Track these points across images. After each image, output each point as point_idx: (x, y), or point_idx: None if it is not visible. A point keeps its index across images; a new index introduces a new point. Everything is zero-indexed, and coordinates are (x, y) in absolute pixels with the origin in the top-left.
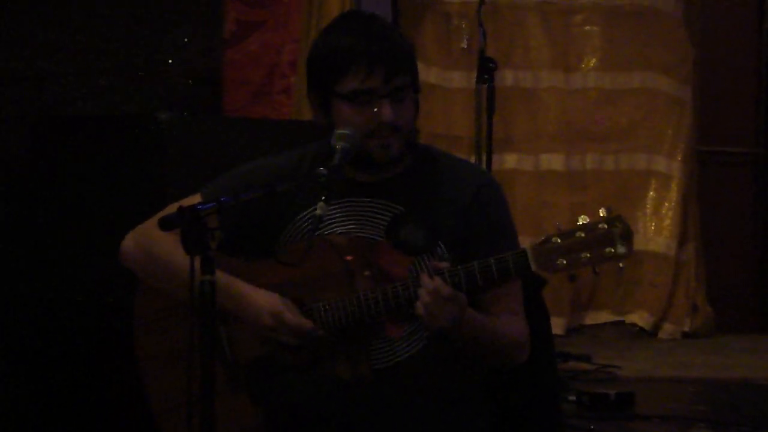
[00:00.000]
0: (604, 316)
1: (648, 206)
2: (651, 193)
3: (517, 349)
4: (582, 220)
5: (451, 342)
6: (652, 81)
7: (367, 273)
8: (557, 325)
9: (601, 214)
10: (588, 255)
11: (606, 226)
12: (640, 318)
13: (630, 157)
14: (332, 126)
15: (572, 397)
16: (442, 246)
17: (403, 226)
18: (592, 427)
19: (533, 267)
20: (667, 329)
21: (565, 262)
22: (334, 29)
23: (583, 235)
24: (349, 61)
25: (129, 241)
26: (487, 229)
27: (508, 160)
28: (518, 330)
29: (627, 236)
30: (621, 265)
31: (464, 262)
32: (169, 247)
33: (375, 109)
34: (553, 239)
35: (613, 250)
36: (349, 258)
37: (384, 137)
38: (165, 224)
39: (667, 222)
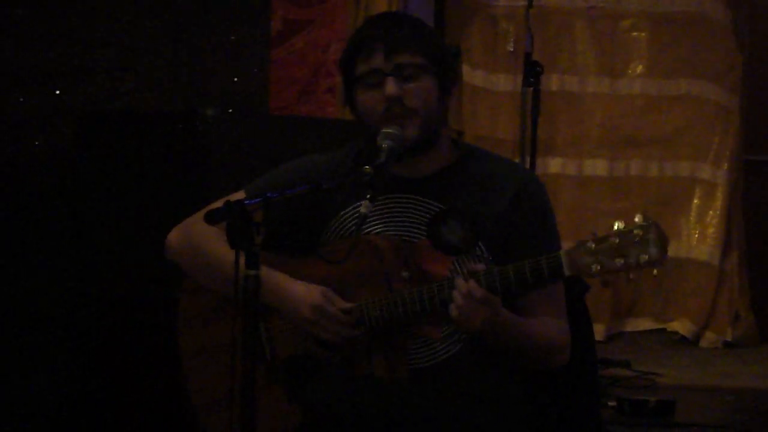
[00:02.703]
0: (645, 323)
1: (692, 214)
2: (695, 200)
3: (556, 352)
4: (618, 225)
5: (487, 344)
6: (699, 88)
7: (405, 274)
8: (597, 331)
9: (637, 220)
10: (622, 261)
11: (641, 232)
12: (681, 326)
13: (675, 165)
14: (360, 119)
15: (612, 403)
16: (482, 246)
17: (444, 225)
18: None
19: (566, 271)
20: (709, 338)
21: (598, 267)
22: (355, 30)
23: (617, 240)
24: (355, 47)
25: (174, 235)
26: (528, 230)
27: (552, 165)
28: (557, 333)
29: (662, 243)
30: (655, 272)
31: (505, 262)
32: (214, 241)
33: (381, 90)
34: (588, 244)
35: (647, 257)
36: (388, 259)
37: (397, 118)
38: (211, 218)
39: (711, 230)
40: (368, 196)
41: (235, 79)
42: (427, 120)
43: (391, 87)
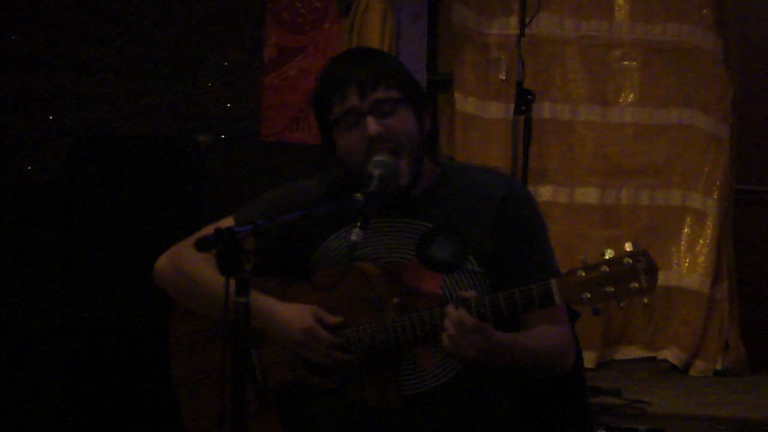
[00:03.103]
0: (635, 352)
1: (683, 243)
2: (686, 229)
3: (559, 358)
4: (608, 254)
5: (485, 366)
6: (690, 118)
7: (396, 300)
8: (588, 359)
9: (627, 249)
10: (612, 289)
11: (631, 261)
12: (671, 354)
13: (665, 193)
14: (340, 161)
15: (602, 431)
16: (473, 260)
17: (433, 243)
18: None
19: (557, 299)
20: (699, 366)
21: (589, 295)
22: (324, 69)
23: (608, 268)
24: (328, 89)
25: (163, 261)
26: (517, 239)
27: (543, 192)
28: (559, 339)
29: (652, 271)
30: (646, 300)
31: (497, 274)
32: (202, 268)
33: (361, 130)
34: (578, 272)
35: (637, 285)
36: (379, 285)
37: (390, 156)
38: (201, 245)
39: (702, 259)
40: (359, 224)
41: (228, 105)
42: (414, 157)
43: (372, 125)
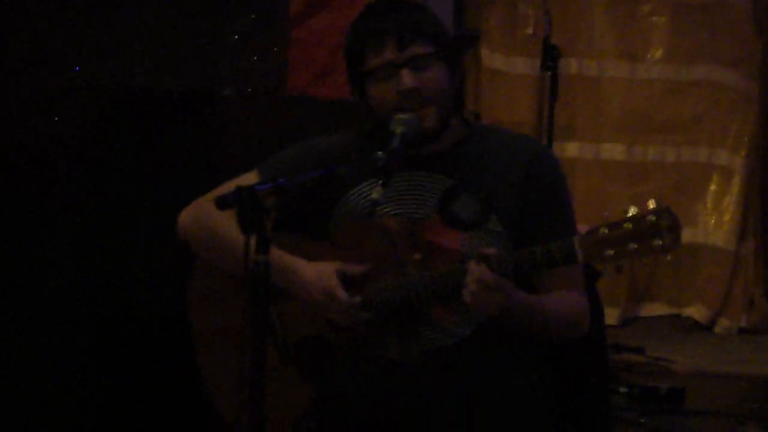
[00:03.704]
0: (660, 308)
1: (709, 200)
2: (712, 186)
3: (575, 325)
4: (631, 211)
5: (503, 325)
6: (718, 74)
7: (417, 257)
8: (612, 316)
9: (650, 206)
10: (635, 246)
11: (654, 218)
12: (696, 311)
13: (692, 150)
14: (371, 111)
15: (624, 389)
16: (496, 220)
17: (455, 200)
18: (642, 420)
19: (579, 257)
20: (723, 324)
21: (612, 252)
22: (358, 17)
23: (630, 226)
24: (364, 40)
25: (186, 215)
26: (542, 202)
27: (570, 149)
28: (575, 305)
29: (675, 229)
30: (669, 257)
31: (519, 235)
32: (225, 222)
33: (395, 82)
34: (601, 230)
35: (660, 242)
36: (399, 242)
37: (414, 109)
38: (221, 203)
39: (728, 216)
40: (381, 182)
41: (255, 58)
42: (443, 108)
43: (407, 79)
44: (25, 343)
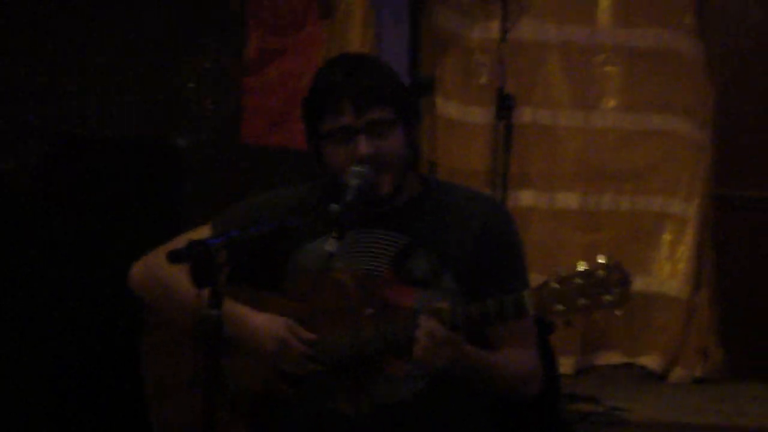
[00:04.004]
0: (614, 357)
1: (663, 249)
2: (666, 235)
3: (525, 382)
4: (581, 266)
5: (454, 378)
6: (672, 123)
7: (369, 311)
8: (567, 365)
9: (600, 261)
10: (585, 301)
11: (604, 273)
12: (650, 360)
13: (646, 199)
14: (325, 170)
15: None
16: (449, 278)
17: (409, 257)
18: None
19: (530, 311)
20: (678, 373)
21: (561, 307)
22: (316, 74)
23: (580, 281)
24: (322, 102)
25: (138, 268)
26: (495, 259)
27: (524, 197)
28: (526, 363)
29: (625, 284)
30: (618, 313)
31: (472, 292)
32: (177, 275)
33: (351, 147)
34: (551, 284)
35: (610, 298)
36: (353, 295)
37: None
38: (174, 257)
39: (682, 265)
40: (334, 234)
41: (211, 107)
42: (399, 172)
43: (363, 146)
44: None
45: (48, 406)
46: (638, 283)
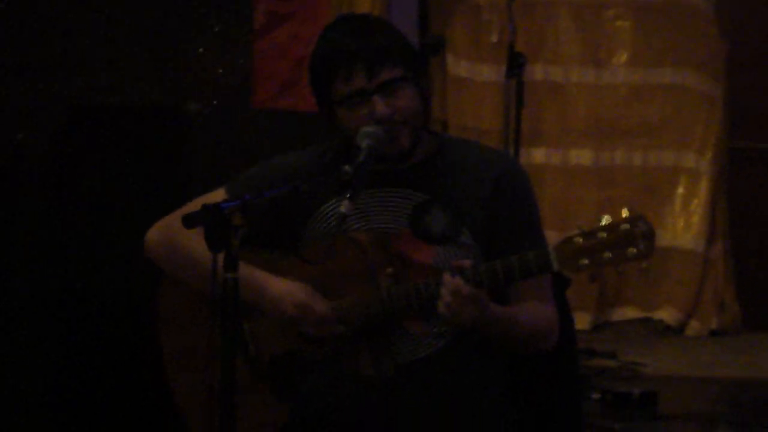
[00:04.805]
0: (631, 312)
1: (677, 203)
2: (680, 189)
3: (545, 336)
4: (605, 219)
5: (475, 335)
6: (683, 77)
7: (389, 270)
8: (583, 321)
9: (624, 214)
10: (610, 255)
11: (628, 226)
12: (667, 314)
13: (659, 154)
14: (341, 133)
15: (596, 395)
16: (467, 234)
17: (427, 214)
18: (616, 426)
19: (555, 267)
20: (694, 327)
21: (587, 261)
22: (321, 38)
23: (605, 235)
24: (331, 66)
25: (153, 233)
26: (510, 216)
27: (537, 155)
28: (545, 318)
29: (649, 236)
30: (644, 265)
31: (489, 249)
32: (192, 240)
33: (367, 109)
34: (576, 239)
35: (635, 250)
36: (371, 256)
37: (389, 129)
38: (188, 222)
39: (696, 219)
40: (348, 195)
41: (219, 71)
42: (416, 127)
43: (381, 108)
44: None
45: (65, 374)
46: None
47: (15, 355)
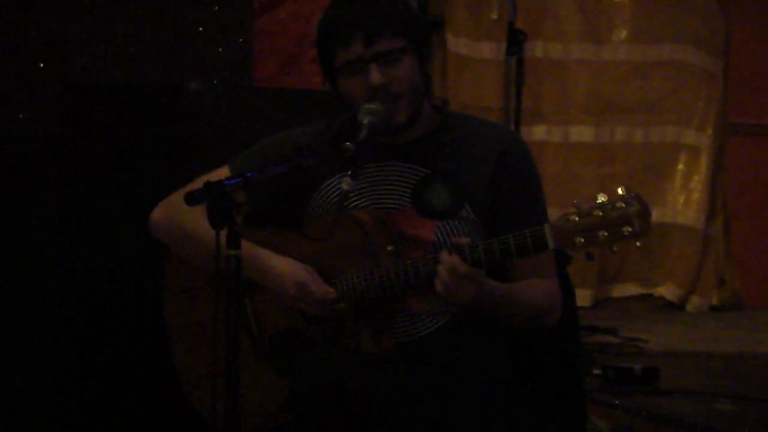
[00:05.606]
0: (631, 288)
1: (677, 179)
2: (680, 166)
3: (547, 312)
4: (601, 198)
5: (475, 314)
6: (683, 53)
7: (390, 248)
8: (584, 298)
9: (620, 193)
10: (605, 234)
11: (624, 205)
12: (667, 291)
13: (659, 130)
14: (343, 103)
15: (598, 371)
16: (468, 208)
17: (428, 189)
18: (617, 401)
19: (551, 244)
20: (695, 302)
21: (582, 240)
22: (327, 7)
23: (600, 213)
24: (331, 33)
25: (158, 212)
26: (513, 192)
27: (537, 132)
28: (546, 294)
29: (644, 215)
30: (638, 243)
31: (491, 224)
32: (196, 219)
33: (365, 77)
34: (571, 217)
35: (630, 229)
36: (373, 233)
37: (384, 102)
38: (191, 199)
39: (696, 195)
40: (349, 172)
41: (220, 50)
42: (414, 101)
43: (376, 76)
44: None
45: (68, 351)
46: (654, 214)
47: (18, 334)
